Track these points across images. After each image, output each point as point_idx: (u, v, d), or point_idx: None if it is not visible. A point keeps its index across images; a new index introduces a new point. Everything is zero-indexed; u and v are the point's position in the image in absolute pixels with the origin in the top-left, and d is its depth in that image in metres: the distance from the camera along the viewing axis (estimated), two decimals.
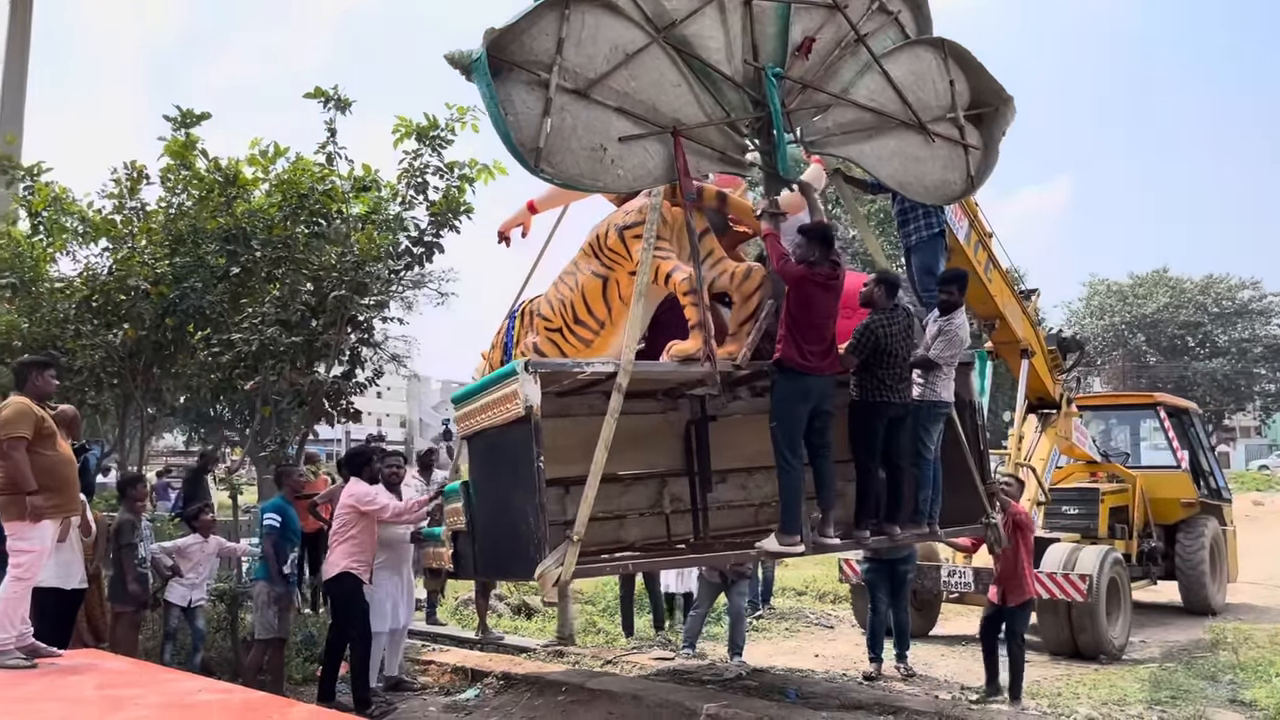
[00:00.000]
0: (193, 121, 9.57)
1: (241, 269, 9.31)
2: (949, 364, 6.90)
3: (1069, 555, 9.97)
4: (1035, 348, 10.74)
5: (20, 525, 5.96)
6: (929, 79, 7.11)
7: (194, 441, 36.01)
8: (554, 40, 5.77)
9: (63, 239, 9.91)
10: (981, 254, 9.54)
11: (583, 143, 5.87)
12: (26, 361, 6.56)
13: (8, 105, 13.54)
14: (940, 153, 7.11)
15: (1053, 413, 11.47)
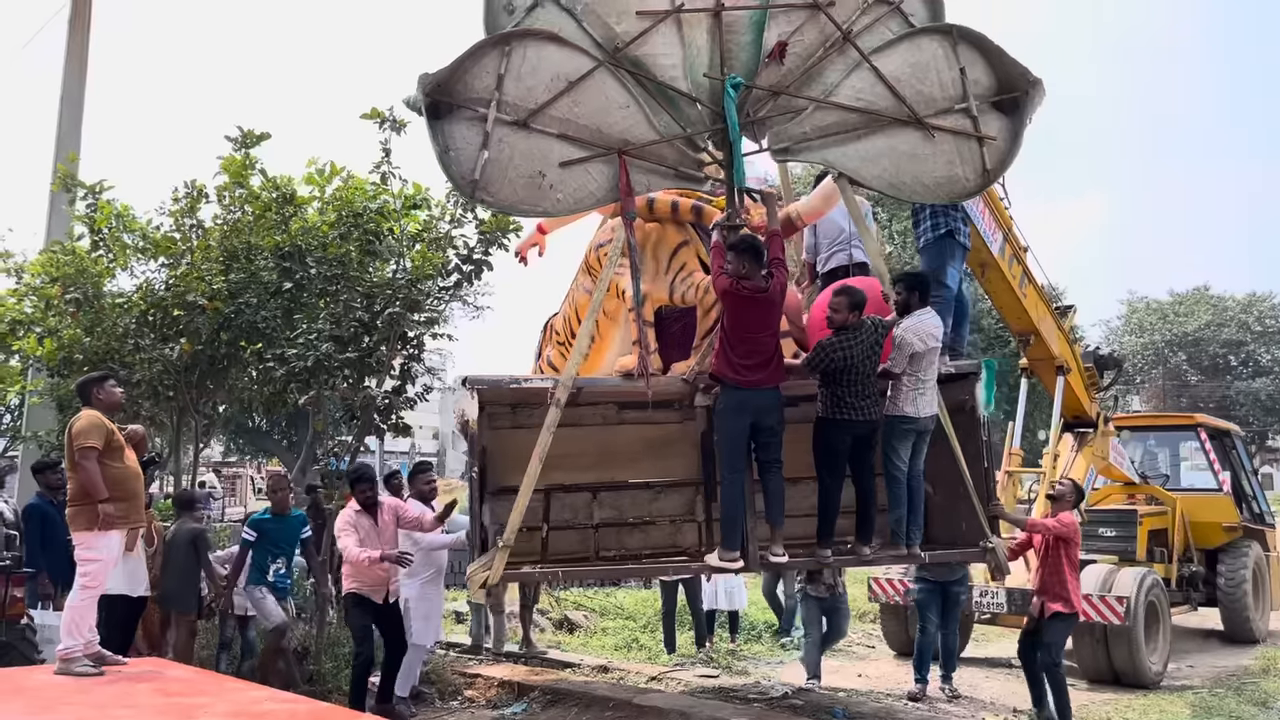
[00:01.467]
0: (253, 142, 9.79)
1: (295, 285, 9.53)
2: (912, 373, 6.56)
3: (1105, 577, 9.76)
4: (1071, 365, 10.60)
5: (89, 535, 6.13)
6: (932, 70, 6.65)
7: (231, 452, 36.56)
8: (494, 77, 6.18)
9: (124, 255, 10.14)
10: (1016, 268, 9.42)
11: (520, 171, 6.25)
12: (85, 380, 6.72)
13: (67, 123, 13.82)
14: (944, 147, 6.64)
15: (1089, 432, 11.32)
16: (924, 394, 6.55)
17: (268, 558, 8.29)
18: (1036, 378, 10.86)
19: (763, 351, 6.31)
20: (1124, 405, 43.28)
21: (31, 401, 12.34)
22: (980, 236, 8.48)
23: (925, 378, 6.54)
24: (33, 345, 10.19)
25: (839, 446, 6.52)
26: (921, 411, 6.55)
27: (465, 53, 6.16)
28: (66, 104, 13.97)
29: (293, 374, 9.31)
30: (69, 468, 6.29)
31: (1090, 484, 11.45)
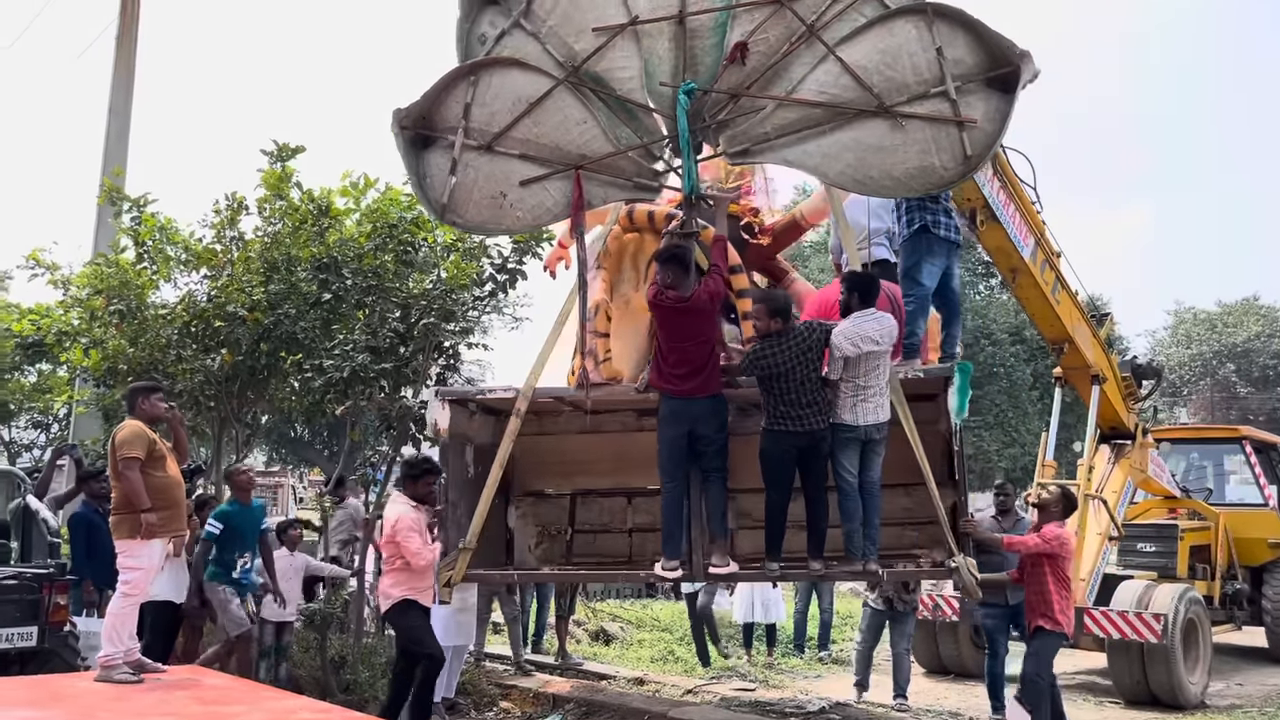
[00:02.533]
0: (288, 155, 9.91)
1: (333, 296, 9.62)
2: (849, 379, 6.19)
3: (1142, 593, 9.51)
4: (1107, 374, 10.30)
5: (131, 543, 6.22)
6: (905, 54, 6.15)
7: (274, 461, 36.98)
8: (462, 106, 6.47)
9: (167, 267, 10.30)
10: (1049, 274, 9.12)
11: (484, 192, 6.52)
12: (134, 387, 6.88)
13: (114, 137, 14.14)
14: (917, 136, 6.10)
15: (1127, 444, 11.03)
16: (865, 401, 6.17)
17: (234, 553, 8.08)
18: (1071, 387, 10.62)
19: (692, 360, 6.27)
20: (1172, 418, 42.51)
21: (78, 411, 12.59)
22: (1010, 241, 8.31)
23: (866, 384, 6.17)
24: (79, 356, 10.37)
25: (778, 457, 6.28)
26: (862, 419, 6.16)
27: (436, 84, 6.48)
28: (113, 118, 14.28)
29: (330, 384, 9.38)
30: (112, 477, 6.38)
31: (1128, 498, 11.15)
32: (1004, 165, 8.21)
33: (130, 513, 6.19)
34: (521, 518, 8.09)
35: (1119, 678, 9.51)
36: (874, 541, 6.23)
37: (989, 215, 8.14)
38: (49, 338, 10.88)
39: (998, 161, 8.06)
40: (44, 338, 11.29)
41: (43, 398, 14.26)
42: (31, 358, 14.34)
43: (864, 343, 6.13)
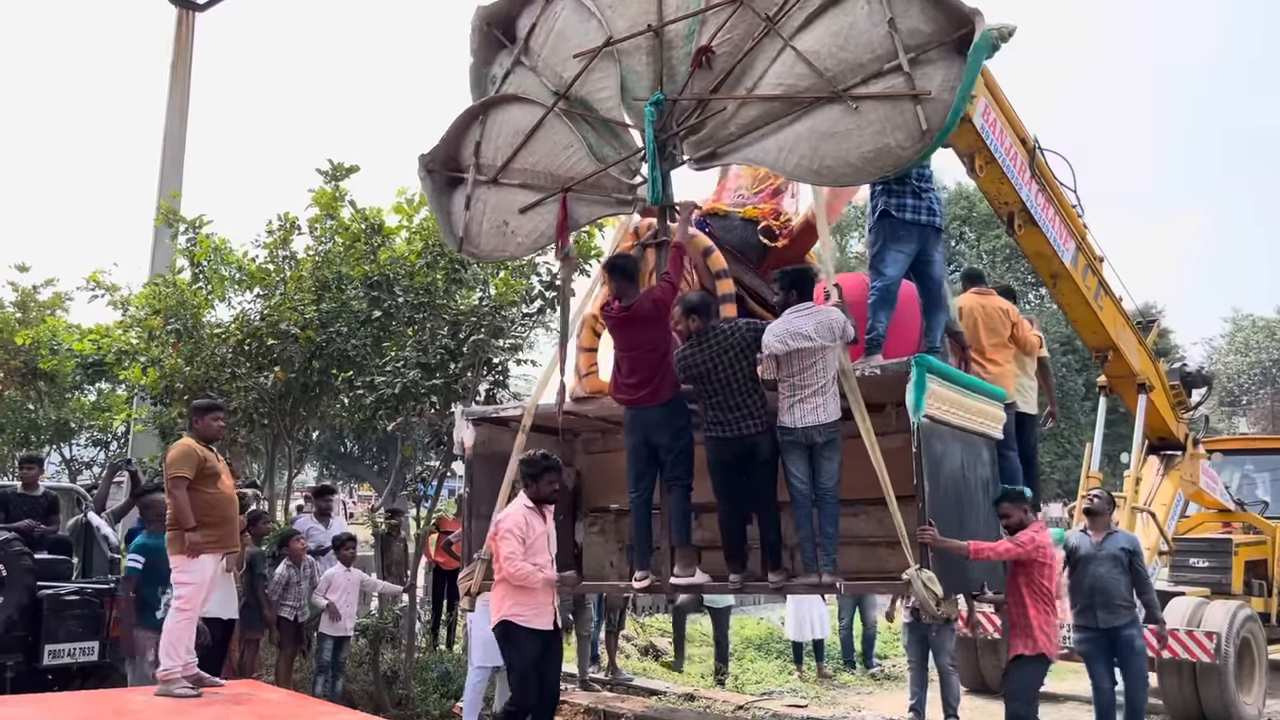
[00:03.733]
0: (342, 174, 10.06)
1: (384, 314, 9.72)
2: (785, 379, 5.82)
3: (1194, 610, 9.18)
4: (1154, 382, 9.94)
5: (181, 559, 6.27)
6: (857, 33, 5.85)
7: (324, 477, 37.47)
8: (474, 144, 7.00)
9: (221, 287, 10.49)
10: (1091, 279, 8.82)
11: (491, 222, 6.97)
12: (194, 405, 7.04)
13: (169, 161, 14.46)
14: (872, 117, 5.75)
15: (1176, 454, 10.66)
16: (803, 401, 5.76)
17: (157, 589, 7.17)
18: (1117, 396, 10.30)
19: (642, 369, 6.14)
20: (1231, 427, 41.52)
21: (136, 429, 12.82)
22: (1050, 245, 8.15)
23: (804, 383, 5.76)
24: (137, 374, 10.58)
25: (716, 465, 6.05)
26: (799, 421, 5.75)
27: (451, 127, 7.04)
28: (169, 143, 14.60)
29: (381, 401, 9.48)
30: (166, 494, 6.49)
31: (1179, 511, 10.76)
32: (1043, 168, 8.09)
33: (179, 529, 6.28)
34: (599, 534, 8.07)
35: (1170, 698, 9.16)
36: (829, 552, 5.80)
37: (1027, 219, 7.98)
38: (109, 357, 11.12)
39: (1036, 164, 7.95)
40: (104, 357, 11.54)
41: (102, 416, 14.56)
42: (92, 377, 14.65)
43: (794, 339, 5.76)
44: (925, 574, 5.47)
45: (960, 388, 6.15)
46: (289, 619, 8.55)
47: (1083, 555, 7.40)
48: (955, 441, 6.11)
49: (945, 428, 5.97)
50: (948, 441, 6.01)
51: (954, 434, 6.09)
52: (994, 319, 7.44)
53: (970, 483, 6.30)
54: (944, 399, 5.87)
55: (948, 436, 6.02)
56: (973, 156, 7.58)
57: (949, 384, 6.00)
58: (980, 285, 7.86)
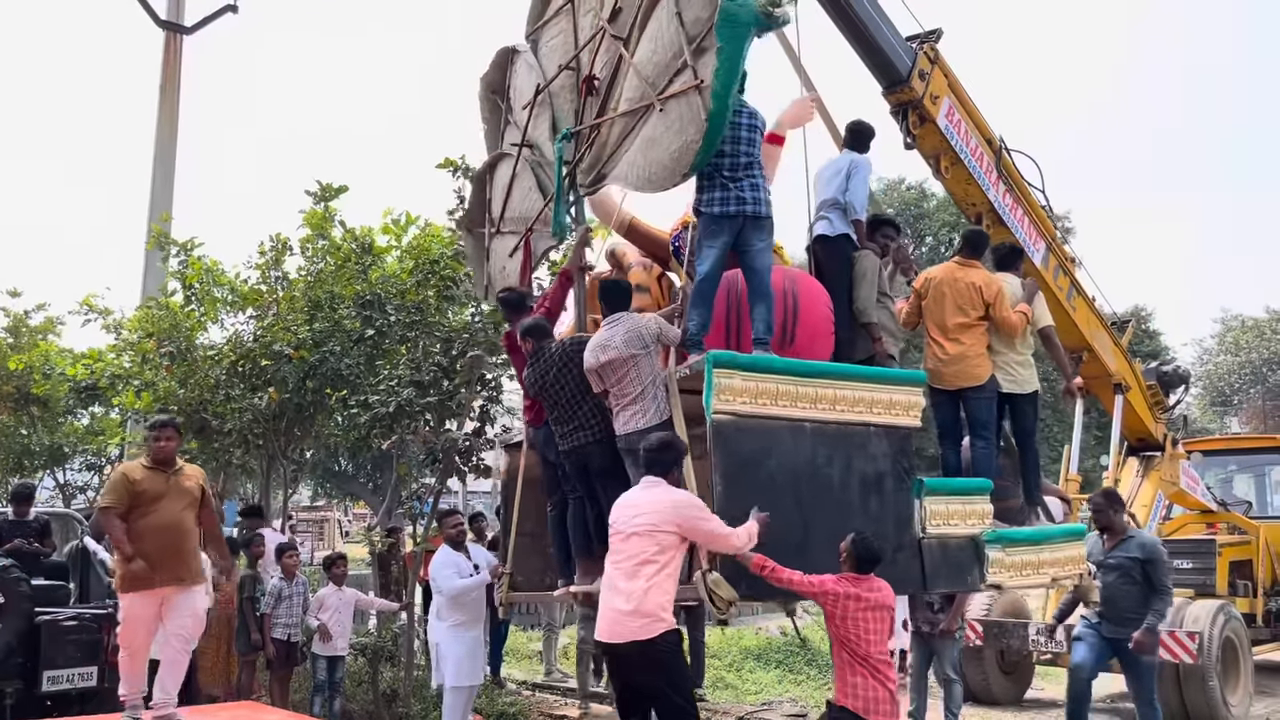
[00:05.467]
0: (331, 195, 10.10)
1: (376, 332, 9.76)
2: (610, 390, 5.86)
3: (1176, 611, 9.10)
4: (1130, 382, 9.96)
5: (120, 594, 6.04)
6: (661, 32, 5.86)
7: (319, 496, 37.37)
8: (486, 200, 7.67)
9: (214, 309, 10.51)
10: (1063, 279, 8.86)
11: (496, 268, 7.57)
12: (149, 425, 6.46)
13: (160, 183, 14.45)
14: (673, 116, 5.72)
15: (1156, 455, 10.66)
16: (624, 410, 5.81)
17: None
18: (1094, 397, 10.28)
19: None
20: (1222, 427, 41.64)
21: (130, 453, 12.81)
22: (1020, 246, 8.08)
23: (621, 392, 5.82)
24: (131, 398, 10.59)
25: (571, 475, 6.27)
26: (622, 429, 5.81)
27: (472, 188, 7.96)
28: (159, 165, 14.60)
29: (376, 419, 9.51)
30: None
31: (1159, 511, 10.73)
32: (1010, 169, 8.11)
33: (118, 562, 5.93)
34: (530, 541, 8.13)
35: None
36: None
37: (995, 219, 8.00)
38: (102, 381, 11.12)
39: (1003, 165, 7.98)
40: (98, 381, 11.55)
41: (96, 440, 14.55)
42: (85, 401, 14.64)
43: (603, 351, 5.83)
44: (713, 576, 5.28)
45: (796, 377, 5.65)
46: (282, 639, 8.55)
47: (1094, 563, 7.23)
48: (795, 436, 5.64)
49: (766, 422, 5.55)
50: (772, 437, 5.55)
51: (790, 428, 5.62)
52: (964, 295, 6.74)
53: (833, 480, 5.71)
54: (761, 392, 5.52)
55: (774, 432, 5.57)
56: (938, 158, 7.66)
57: (770, 375, 5.57)
58: (970, 253, 7.05)
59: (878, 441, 5.88)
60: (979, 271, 6.87)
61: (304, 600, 8.68)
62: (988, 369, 6.72)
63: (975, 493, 6.21)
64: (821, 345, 6.26)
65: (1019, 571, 6.03)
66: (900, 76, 7.22)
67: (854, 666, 5.11)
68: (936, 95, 7.38)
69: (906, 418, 5.95)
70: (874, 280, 6.57)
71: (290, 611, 8.60)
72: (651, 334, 5.80)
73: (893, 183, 30.53)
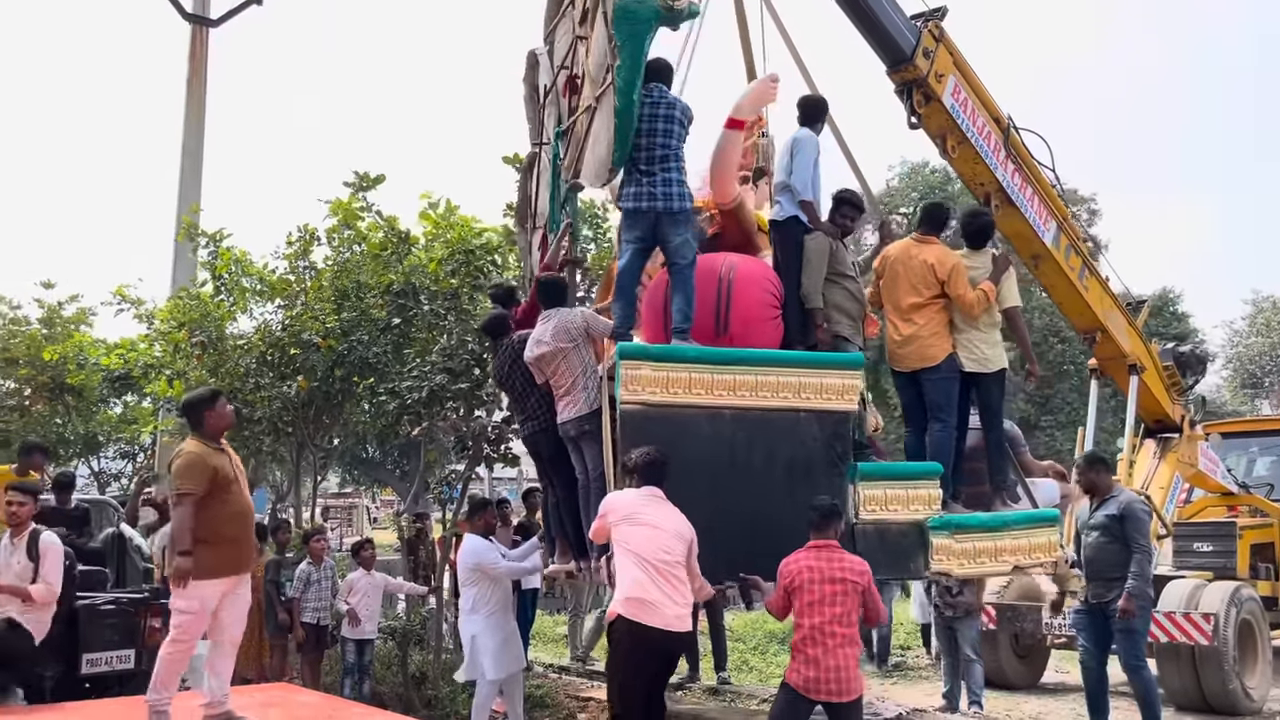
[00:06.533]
0: (369, 185, 10.18)
1: (404, 321, 9.87)
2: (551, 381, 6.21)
3: (1191, 593, 9.05)
4: (1146, 363, 9.75)
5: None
6: (600, 33, 6.09)
7: (347, 483, 37.73)
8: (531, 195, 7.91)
9: (243, 299, 10.66)
10: (1075, 259, 8.65)
11: (535, 260, 7.66)
12: (193, 400, 5.82)
13: (188, 175, 14.63)
14: (603, 113, 5.99)
15: (1173, 437, 10.47)
16: (559, 400, 6.19)
17: None
18: (1109, 379, 10.14)
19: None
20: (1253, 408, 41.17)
21: (163, 440, 13.03)
22: (1029, 226, 7.94)
23: (556, 384, 6.20)
24: (163, 387, 10.76)
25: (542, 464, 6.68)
26: (559, 418, 6.21)
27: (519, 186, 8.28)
28: (187, 157, 14.77)
29: (405, 406, 9.62)
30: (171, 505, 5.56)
31: (1176, 494, 10.53)
32: (1019, 148, 8.00)
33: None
34: None
35: (1169, 683, 9.02)
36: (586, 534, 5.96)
37: (1004, 199, 7.82)
38: (135, 371, 11.31)
39: (1012, 143, 7.80)
40: (130, 371, 11.74)
41: (129, 428, 14.79)
42: (118, 390, 14.89)
43: (536, 346, 6.24)
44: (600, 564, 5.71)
45: (711, 365, 5.68)
46: (311, 623, 8.71)
47: (1080, 528, 7.20)
48: (712, 424, 5.68)
49: (679, 411, 5.63)
50: (685, 425, 5.62)
51: (706, 416, 5.67)
52: (917, 274, 6.54)
53: (755, 466, 5.72)
54: (672, 382, 5.60)
55: (687, 420, 5.64)
56: (944, 138, 7.54)
57: (682, 364, 5.64)
58: (927, 229, 6.82)
59: (808, 426, 5.83)
60: (934, 248, 6.64)
61: (332, 584, 8.83)
62: (944, 349, 6.51)
63: (920, 477, 6.04)
64: (759, 331, 6.24)
65: (971, 559, 5.91)
66: (904, 55, 7.09)
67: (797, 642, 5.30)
68: (941, 74, 7.24)
69: (840, 402, 5.87)
70: (820, 264, 6.38)
71: (319, 596, 8.75)
72: (578, 328, 6.13)
73: (916, 165, 30.26)
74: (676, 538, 5.24)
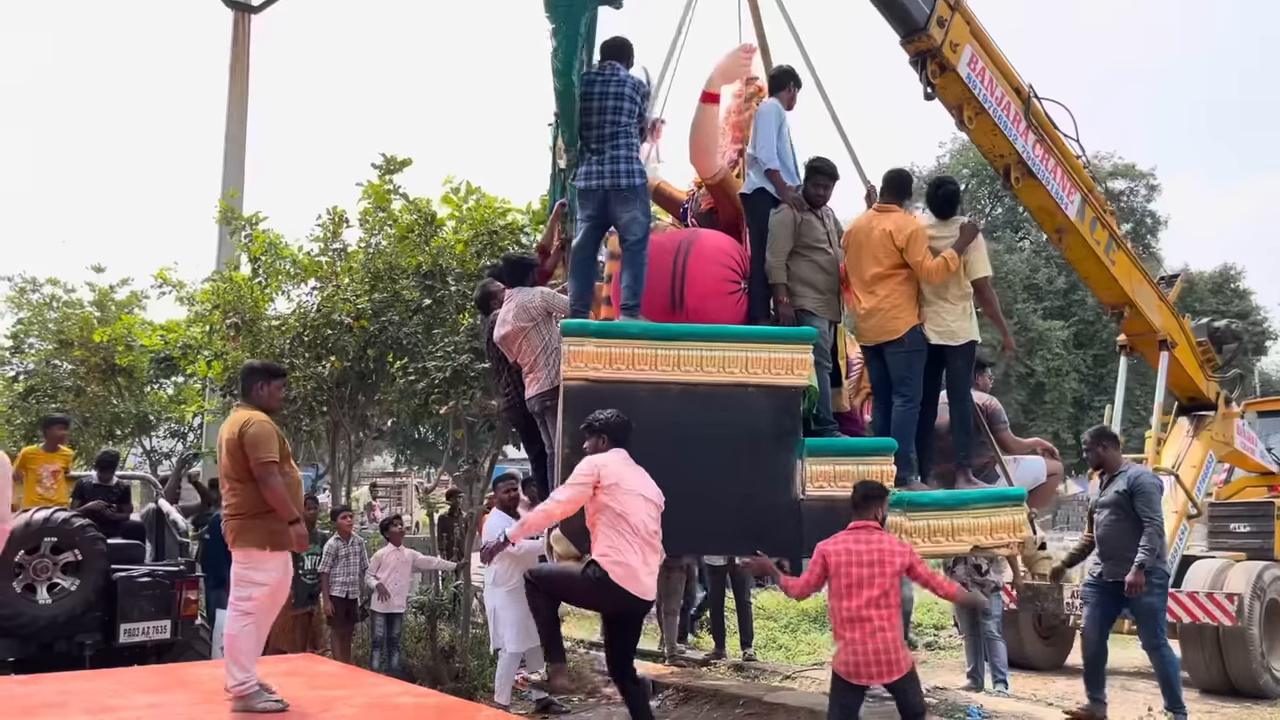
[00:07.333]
0: (396, 167, 10.33)
1: (434, 302, 10.01)
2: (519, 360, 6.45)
3: (1216, 573, 8.89)
4: (1178, 339, 9.56)
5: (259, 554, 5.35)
6: None
7: (400, 463, 38.33)
8: None
9: (278, 281, 10.88)
10: (1101, 232, 8.45)
11: None
12: (252, 368, 5.76)
13: (231, 159, 14.96)
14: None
15: (1208, 414, 10.27)
16: (525, 377, 6.42)
17: None
18: (1139, 356, 9.97)
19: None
20: None
21: (207, 419, 13.37)
22: (1052, 198, 7.77)
23: (522, 362, 6.44)
24: (203, 368, 11.04)
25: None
26: (527, 394, 6.44)
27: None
28: (230, 142, 15.09)
29: (433, 385, 9.77)
30: (229, 477, 5.39)
31: (1210, 473, 10.39)
32: (1041, 118, 7.83)
33: (257, 518, 5.28)
34: None
35: (1193, 665, 8.89)
36: None
37: (1024, 171, 7.67)
38: (175, 351, 11.60)
39: (1033, 114, 7.62)
40: (172, 352, 12.05)
41: (178, 408, 15.17)
42: (165, 371, 15.28)
43: (500, 325, 6.40)
44: (555, 533, 5.75)
45: (655, 340, 5.77)
46: (340, 597, 8.93)
47: (1091, 506, 7.09)
48: (657, 399, 5.77)
49: (622, 386, 5.72)
50: (628, 400, 5.66)
51: (651, 391, 5.75)
52: (877, 244, 6.39)
53: (699, 441, 5.78)
54: (615, 358, 5.70)
55: (630, 395, 5.70)
56: (961, 108, 7.41)
57: (625, 340, 5.75)
58: (888, 198, 6.63)
59: (756, 401, 5.84)
60: (893, 215, 6.45)
61: (361, 559, 9.03)
62: (907, 321, 6.35)
63: (872, 453, 6.00)
64: (717, 306, 6.27)
65: (926, 537, 5.84)
66: (917, 24, 6.96)
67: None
68: (957, 43, 7.09)
69: (790, 376, 5.84)
70: (783, 236, 6.34)
71: (347, 570, 8.96)
72: (538, 307, 6.28)
73: (966, 143, 29.81)
74: (657, 507, 5.41)
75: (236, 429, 5.31)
